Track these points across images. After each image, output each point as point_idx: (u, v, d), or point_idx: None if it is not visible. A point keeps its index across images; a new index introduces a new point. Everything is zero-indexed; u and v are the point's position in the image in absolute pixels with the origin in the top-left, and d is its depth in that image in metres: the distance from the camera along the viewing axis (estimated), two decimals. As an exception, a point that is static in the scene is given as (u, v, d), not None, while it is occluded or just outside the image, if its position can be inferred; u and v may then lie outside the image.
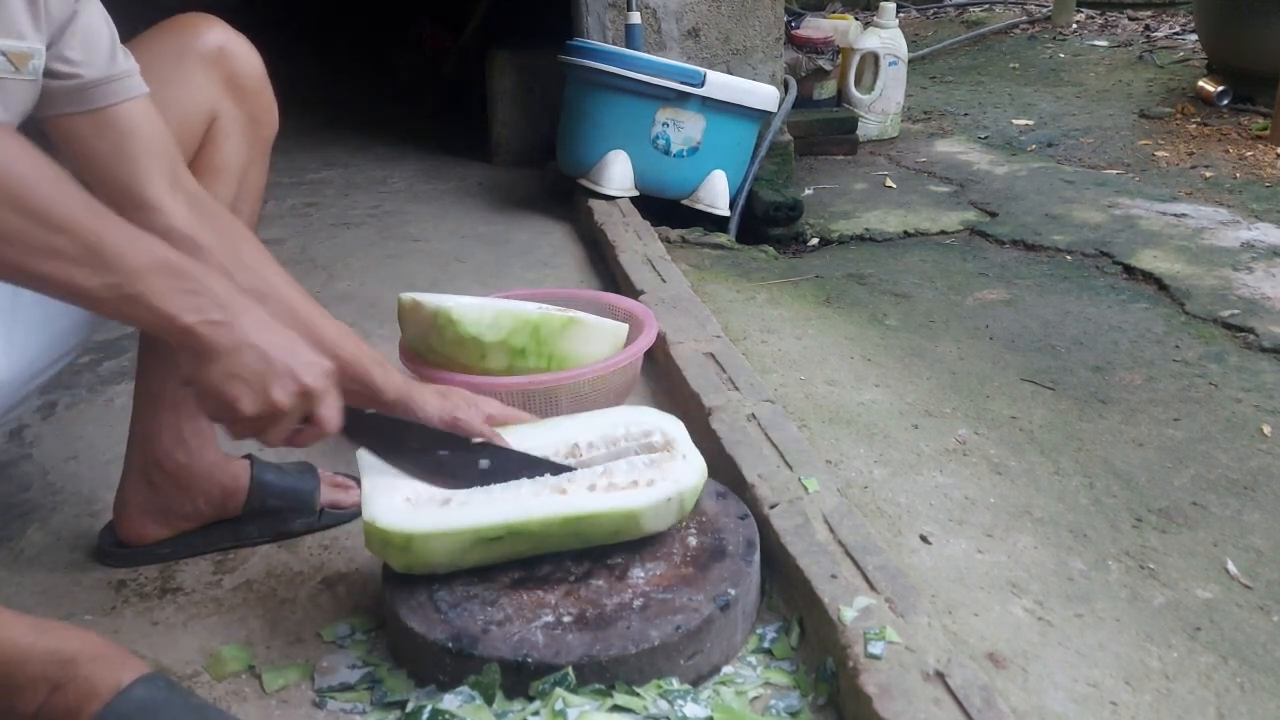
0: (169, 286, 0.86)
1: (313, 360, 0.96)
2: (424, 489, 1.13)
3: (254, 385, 0.92)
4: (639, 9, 2.80)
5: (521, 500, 1.10)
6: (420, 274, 2.36)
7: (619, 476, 1.15)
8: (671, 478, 1.14)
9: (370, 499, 1.10)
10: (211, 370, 0.91)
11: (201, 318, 0.89)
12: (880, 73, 3.81)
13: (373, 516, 1.07)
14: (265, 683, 1.08)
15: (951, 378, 1.84)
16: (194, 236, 1.07)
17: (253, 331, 0.92)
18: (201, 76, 1.15)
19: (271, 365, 0.92)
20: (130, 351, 1.87)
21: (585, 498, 1.11)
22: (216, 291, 0.90)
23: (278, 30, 2.09)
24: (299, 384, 0.94)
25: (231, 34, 1.19)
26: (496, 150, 3.37)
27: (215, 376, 0.91)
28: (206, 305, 0.89)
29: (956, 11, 6.23)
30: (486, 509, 1.09)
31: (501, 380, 1.45)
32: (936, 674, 0.96)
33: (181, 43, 1.16)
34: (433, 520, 1.07)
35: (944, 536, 1.34)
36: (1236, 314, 2.09)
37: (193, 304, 0.88)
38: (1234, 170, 3.23)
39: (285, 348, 0.94)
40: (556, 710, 0.98)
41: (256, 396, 0.93)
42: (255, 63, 1.20)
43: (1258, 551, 1.32)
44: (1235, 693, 1.08)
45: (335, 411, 0.99)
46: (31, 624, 0.90)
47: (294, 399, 0.94)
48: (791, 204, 2.85)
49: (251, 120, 1.21)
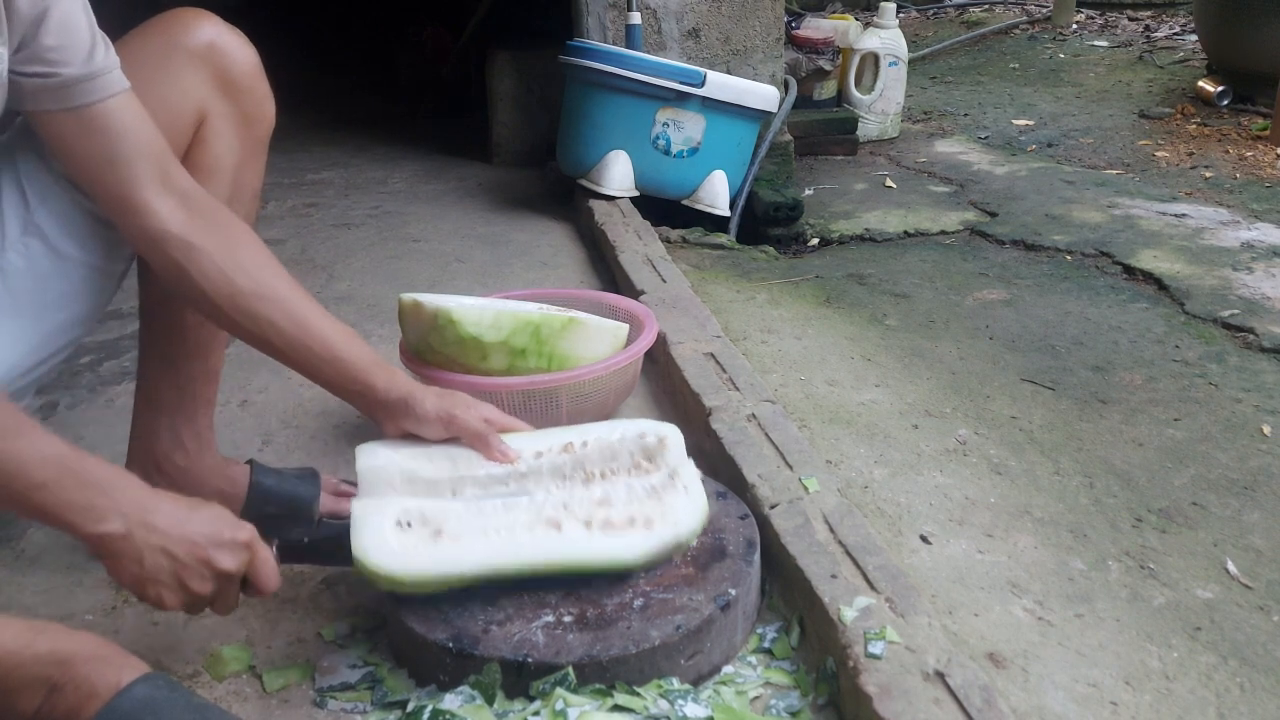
0: (68, 500, 0.89)
1: (224, 540, 0.97)
2: (415, 507, 1.09)
3: (168, 584, 0.95)
4: (639, 9, 2.80)
5: (515, 538, 1.07)
6: (420, 274, 2.36)
7: (617, 509, 1.11)
8: (670, 520, 1.10)
9: (359, 529, 1.06)
10: (123, 575, 0.94)
11: (101, 529, 0.91)
12: (880, 73, 3.81)
13: (362, 553, 1.04)
14: (266, 683, 1.08)
15: (951, 378, 1.84)
16: (188, 238, 1.05)
17: (156, 533, 0.93)
18: (190, 73, 1.13)
19: (180, 562, 0.95)
20: (130, 352, 1.87)
21: (580, 541, 1.07)
22: (118, 498, 0.92)
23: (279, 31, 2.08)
24: (213, 570, 0.96)
25: (223, 28, 1.16)
26: (496, 150, 3.37)
27: (128, 580, 0.95)
28: (106, 515, 0.91)
29: (956, 11, 6.23)
30: (478, 549, 1.06)
31: (502, 380, 1.46)
32: (936, 674, 0.96)
33: (169, 39, 1.13)
34: (420, 564, 1.04)
35: (944, 536, 1.34)
36: (1236, 314, 2.09)
37: (92, 515, 0.90)
38: (1234, 170, 3.23)
39: (193, 539, 0.95)
40: (557, 710, 0.98)
41: (174, 593, 0.96)
42: (248, 58, 1.17)
43: (1258, 551, 1.32)
44: (1235, 693, 1.08)
45: (268, 573, 1.01)
46: (26, 626, 0.90)
47: (213, 584, 0.97)
48: (791, 204, 2.85)
49: (244, 118, 1.18)
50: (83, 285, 1.11)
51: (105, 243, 1.11)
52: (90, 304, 1.14)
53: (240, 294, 1.08)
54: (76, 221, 1.09)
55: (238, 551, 0.97)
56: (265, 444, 1.58)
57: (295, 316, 1.11)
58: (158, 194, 1.05)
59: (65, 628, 0.94)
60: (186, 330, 1.22)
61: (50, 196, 1.08)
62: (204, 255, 1.06)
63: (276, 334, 1.10)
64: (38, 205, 1.08)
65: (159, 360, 1.23)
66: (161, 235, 1.05)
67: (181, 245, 1.06)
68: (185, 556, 0.94)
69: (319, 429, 1.63)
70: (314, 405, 1.69)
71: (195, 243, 1.06)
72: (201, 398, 1.26)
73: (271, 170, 1.29)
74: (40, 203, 1.08)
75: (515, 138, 3.34)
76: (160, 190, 1.05)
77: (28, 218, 1.08)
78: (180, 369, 1.23)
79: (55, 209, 1.08)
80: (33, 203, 1.08)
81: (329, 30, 6.07)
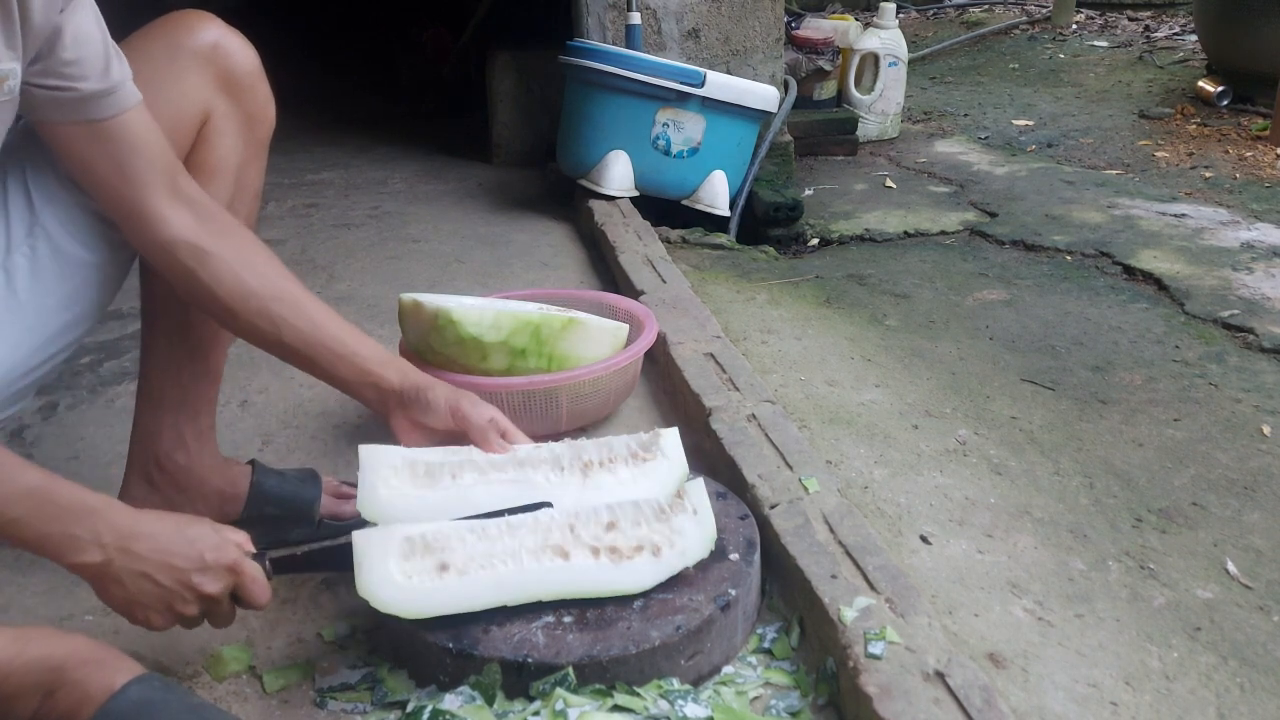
0: (44, 533, 0.91)
1: (207, 565, 0.97)
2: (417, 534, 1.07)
3: (155, 607, 0.96)
4: (639, 9, 2.81)
5: (521, 567, 1.06)
6: (420, 275, 2.36)
7: (625, 533, 1.10)
8: (679, 548, 1.09)
9: (363, 563, 1.04)
10: (110, 599, 0.96)
11: (79, 559, 0.92)
12: (880, 73, 3.81)
13: (367, 591, 1.03)
14: (266, 683, 1.08)
15: (951, 378, 1.84)
16: (199, 244, 1.07)
17: (137, 559, 0.94)
18: (194, 75, 1.14)
19: (164, 587, 0.95)
20: (131, 352, 1.87)
21: (587, 571, 1.06)
22: (96, 526, 0.92)
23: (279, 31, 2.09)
24: (200, 593, 0.97)
25: (225, 30, 1.17)
26: (496, 150, 3.37)
27: (116, 604, 0.96)
28: (83, 546, 0.92)
29: (956, 12, 6.23)
30: (485, 583, 1.04)
31: (502, 380, 1.46)
32: (936, 674, 0.96)
33: (173, 40, 1.14)
34: (427, 602, 1.03)
35: (944, 537, 1.34)
36: (1236, 314, 2.09)
37: (70, 547, 0.92)
38: (1234, 170, 3.23)
39: (174, 565, 0.96)
40: (557, 710, 0.98)
41: (162, 615, 0.97)
42: (250, 59, 1.18)
43: (1258, 551, 1.32)
44: (1235, 693, 1.08)
45: (257, 591, 1.00)
46: (15, 634, 0.90)
47: (200, 604, 0.98)
48: (791, 204, 2.85)
49: (247, 118, 1.19)
50: (85, 286, 1.12)
51: (109, 243, 1.12)
52: (93, 304, 1.14)
53: (253, 296, 1.09)
54: (81, 222, 1.10)
55: (220, 575, 0.98)
56: (265, 444, 1.58)
57: (308, 316, 1.13)
58: (168, 203, 1.06)
59: (59, 631, 0.94)
60: (189, 330, 1.22)
61: (55, 198, 1.09)
62: (216, 260, 1.08)
63: (291, 334, 1.12)
64: (43, 206, 1.08)
65: (161, 359, 1.23)
66: (173, 242, 1.07)
67: (193, 251, 1.07)
68: (168, 581, 0.95)
69: (319, 429, 1.63)
70: (314, 405, 1.69)
71: (207, 248, 1.07)
72: (203, 397, 1.27)
73: (271, 170, 1.29)
74: (45, 204, 1.08)
75: (515, 138, 3.35)
76: (170, 199, 1.07)
77: (33, 219, 1.08)
78: (183, 368, 1.23)
79: (60, 210, 1.09)
80: (38, 204, 1.08)
81: (329, 31, 6.07)
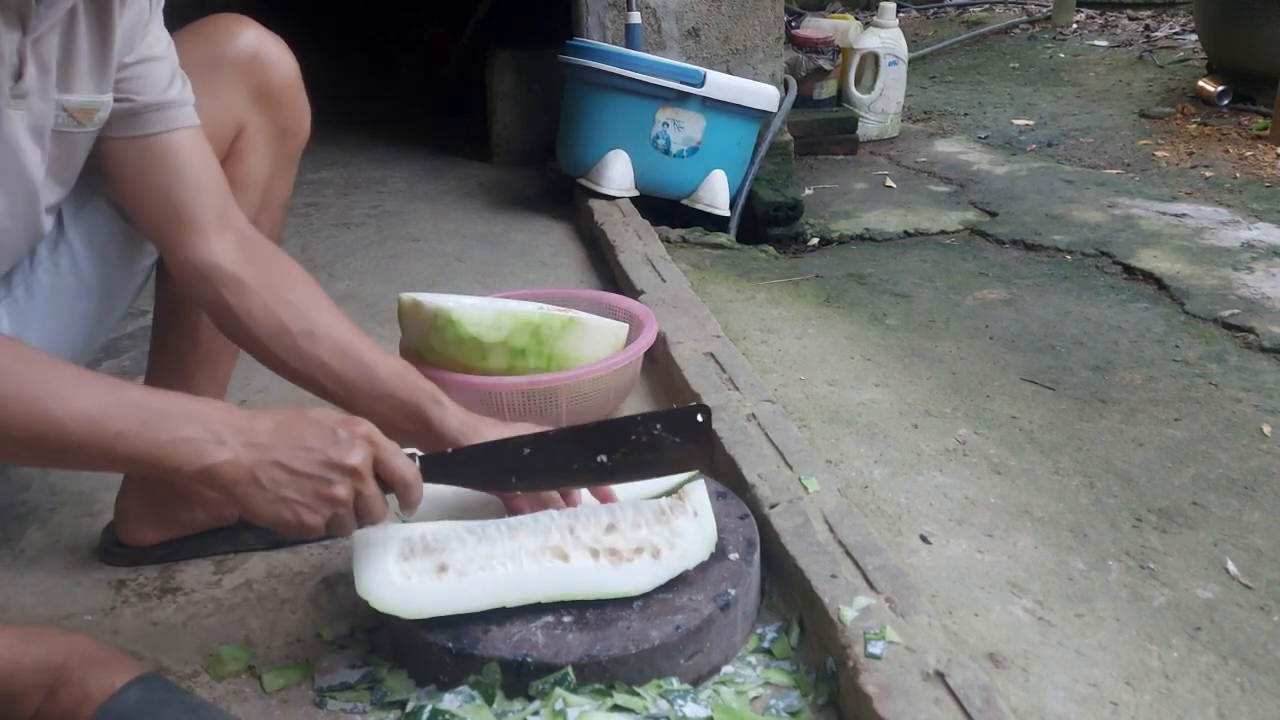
0: (158, 441, 0.83)
1: (341, 437, 0.90)
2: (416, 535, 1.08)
3: (301, 499, 0.88)
4: (639, 9, 2.80)
5: (521, 569, 1.05)
6: (420, 274, 2.36)
7: (624, 535, 1.10)
8: (679, 550, 1.09)
9: (361, 562, 1.04)
10: (251, 504, 0.88)
11: (205, 462, 0.85)
12: (880, 73, 3.81)
13: (365, 590, 1.03)
14: (265, 683, 1.08)
15: (951, 378, 1.84)
16: (239, 275, 1.04)
17: (264, 449, 0.87)
18: (231, 87, 1.11)
19: (303, 474, 0.88)
20: (130, 352, 1.88)
21: (587, 574, 1.06)
22: (211, 426, 0.86)
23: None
24: (342, 469, 0.89)
25: (265, 37, 1.14)
26: (496, 150, 3.37)
27: (258, 507, 0.88)
28: (205, 446, 0.85)
29: (956, 11, 6.23)
30: (484, 585, 1.04)
31: (502, 380, 1.46)
32: (936, 674, 0.96)
33: (214, 49, 1.11)
34: (426, 602, 1.03)
35: (944, 536, 1.34)
36: (1236, 314, 2.09)
37: (192, 451, 0.84)
38: (1234, 170, 3.23)
39: (309, 442, 0.89)
40: (556, 710, 0.98)
41: (312, 508, 0.89)
42: (289, 69, 1.15)
43: (1258, 551, 1.32)
44: (1235, 693, 1.08)
45: (400, 464, 0.93)
46: (18, 634, 0.90)
47: (347, 486, 0.90)
48: (791, 204, 2.85)
49: (280, 131, 1.17)
50: (100, 303, 1.12)
51: (129, 258, 1.11)
52: (105, 321, 1.14)
53: (287, 333, 1.05)
54: (105, 238, 1.09)
55: (359, 444, 0.90)
56: (265, 444, 1.58)
57: (347, 354, 1.07)
58: (216, 230, 1.04)
59: (60, 631, 0.94)
60: (199, 341, 1.22)
61: (83, 211, 1.08)
62: (253, 295, 1.04)
63: (325, 373, 1.07)
64: (70, 220, 1.07)
65: (169, 368, 1.23)
66: (211, 270, 1.03)
67: (232, 282, 1.04)
68: (305, 466, 0.88)
69: (319, 429, 1.63)
70: (314, 405, 1.69)
71: (246, 280, 1.04)
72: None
73: (271, 170, 1.29)
74: (73, 218, 1.07)
75: (515, 138, 3.34)
76: (219, 226, 1.04)
77: (59, 235, 1.07)
78: (191, 377, 1.23)
79: (87, 225, 1.08)
80: (66, 218, 1.07)
81: (329, 31, 6.06)
